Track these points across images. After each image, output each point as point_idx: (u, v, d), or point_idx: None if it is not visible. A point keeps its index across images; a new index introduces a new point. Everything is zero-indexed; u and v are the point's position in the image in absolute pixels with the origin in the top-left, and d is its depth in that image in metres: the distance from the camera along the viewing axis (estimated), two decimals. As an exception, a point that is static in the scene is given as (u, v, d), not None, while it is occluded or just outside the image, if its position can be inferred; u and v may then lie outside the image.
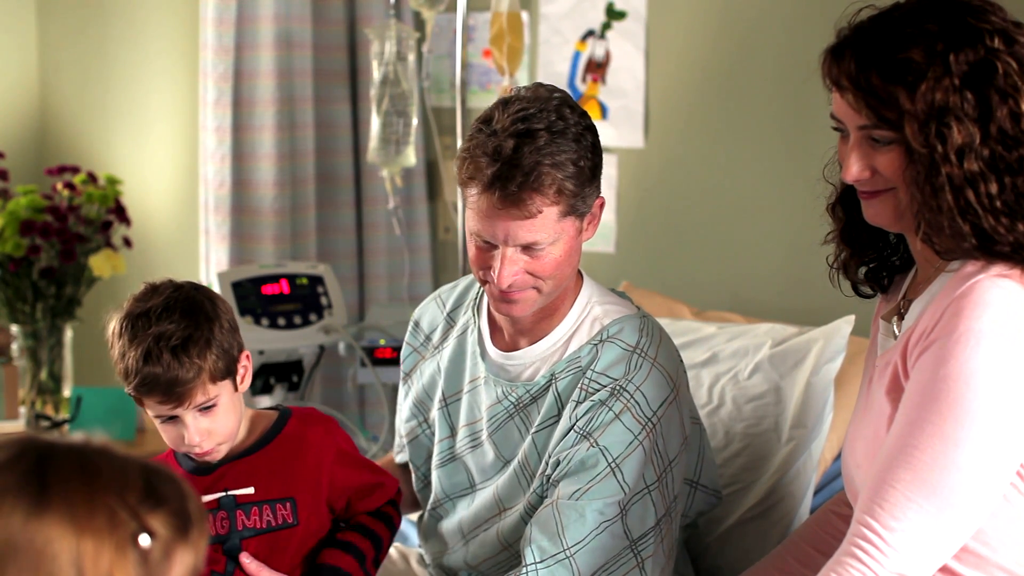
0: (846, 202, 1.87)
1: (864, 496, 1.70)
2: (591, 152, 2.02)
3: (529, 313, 2.09)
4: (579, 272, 2.15)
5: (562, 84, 3.45)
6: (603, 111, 3.43)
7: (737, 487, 2.48)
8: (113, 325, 2.03)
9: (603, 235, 3.44)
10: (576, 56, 3.47)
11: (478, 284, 2.18)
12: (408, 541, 2.62)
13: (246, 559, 2.03)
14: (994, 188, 1.68)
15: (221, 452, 2.07)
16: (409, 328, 2.34)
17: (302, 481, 2.08)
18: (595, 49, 3.44)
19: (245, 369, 2.06)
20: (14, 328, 3.64)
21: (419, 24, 3.50)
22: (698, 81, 3.30)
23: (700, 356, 2.65)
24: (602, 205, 2.08)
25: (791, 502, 2.43)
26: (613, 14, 3.40)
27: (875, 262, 1.93)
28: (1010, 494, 1.69)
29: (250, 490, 2.06)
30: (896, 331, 1.83)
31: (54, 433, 2.24)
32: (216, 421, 2.01)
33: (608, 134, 3.42)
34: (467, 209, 2.03)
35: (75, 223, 3.64)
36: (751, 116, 3.18)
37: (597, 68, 3.45)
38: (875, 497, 1.67)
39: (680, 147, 3.35)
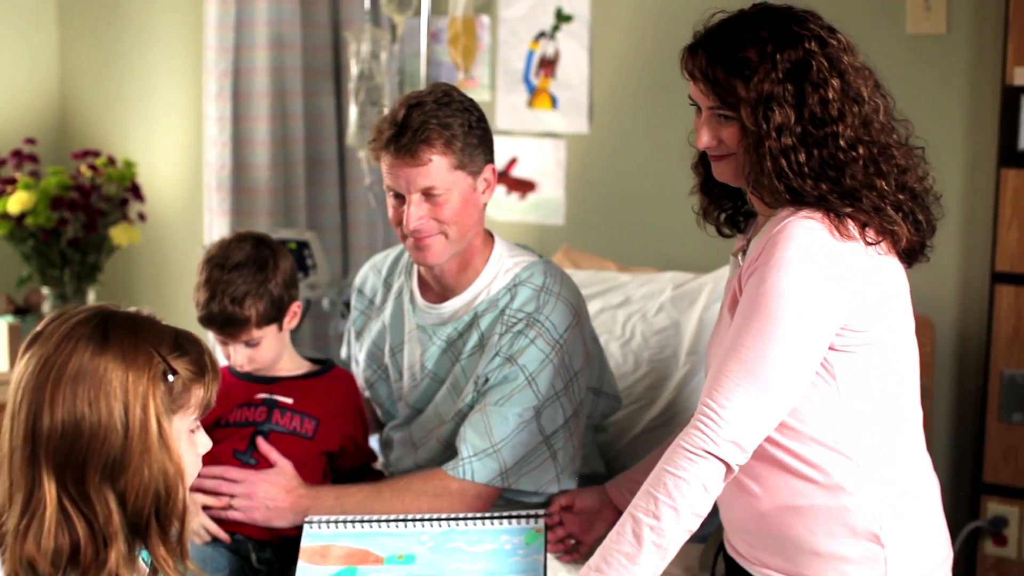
0: (705, 162, 2.17)
1: (706, 384, 2.03)
2: (476, 122, 2.28)
3: (444, 260, 2.34)
4: (490, 235, 2.43)
5: (518, 79, 3.63)
6: (553, 102, 3.60)
7: (643, 402, 2.74)
8: (201, 259, 2.36)
9: (554, 209, 3.63)
10: (530, 54, 3.64)
11: (407, 253, 2.43)
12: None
13: (261, 440, 2.39)
14: (803, 157, 1.98)
15: (264, 371, 2.41)
16: (354, 296, 2.59)
17: (329, 411, 2.44)
18: (546, 48, 3.61)
19: (294, 315, 2.40)
20: (45, 290, 3.81)
21: (394, 27, 3.66)
22: (635, 75, 3.48)
23: (616, 300, 2.90)
24: (495, 172, 2.33)
25: (686, 414, 2.68)
26: (561, 17, 3.59)
27: (731, 209, 2.22)
28: (817, 381, 2.03)
29: (289, 400, 2.42)
30: (740, 263, 2.14)
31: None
32: (258, 353, 2.39)
33: (558, 121, 3.60)
34: (383, 173, 2.31)
35: (97, 200, 3.81)
36: (678, 107, 3.20)
37: (548, 64, 3.62)
38: (713, 384, 1.99)
39: (619, 133, 3.54)
